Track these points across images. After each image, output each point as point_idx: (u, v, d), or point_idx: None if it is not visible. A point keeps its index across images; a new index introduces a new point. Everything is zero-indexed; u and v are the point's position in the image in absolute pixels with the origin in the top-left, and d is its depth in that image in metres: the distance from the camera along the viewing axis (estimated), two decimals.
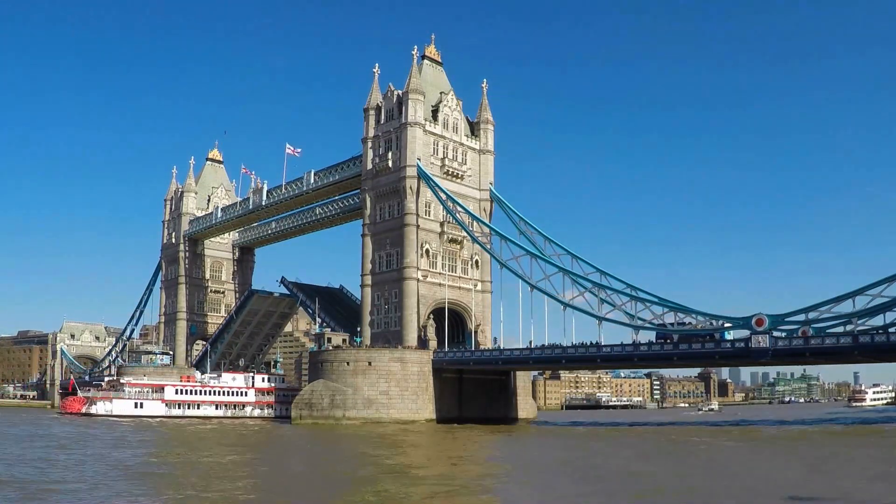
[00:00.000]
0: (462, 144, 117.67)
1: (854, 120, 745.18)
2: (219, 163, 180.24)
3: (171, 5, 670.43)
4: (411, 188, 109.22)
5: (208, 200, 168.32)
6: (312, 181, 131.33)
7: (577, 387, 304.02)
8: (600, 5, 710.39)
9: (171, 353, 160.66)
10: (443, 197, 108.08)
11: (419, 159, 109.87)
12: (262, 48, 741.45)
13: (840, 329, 76.31)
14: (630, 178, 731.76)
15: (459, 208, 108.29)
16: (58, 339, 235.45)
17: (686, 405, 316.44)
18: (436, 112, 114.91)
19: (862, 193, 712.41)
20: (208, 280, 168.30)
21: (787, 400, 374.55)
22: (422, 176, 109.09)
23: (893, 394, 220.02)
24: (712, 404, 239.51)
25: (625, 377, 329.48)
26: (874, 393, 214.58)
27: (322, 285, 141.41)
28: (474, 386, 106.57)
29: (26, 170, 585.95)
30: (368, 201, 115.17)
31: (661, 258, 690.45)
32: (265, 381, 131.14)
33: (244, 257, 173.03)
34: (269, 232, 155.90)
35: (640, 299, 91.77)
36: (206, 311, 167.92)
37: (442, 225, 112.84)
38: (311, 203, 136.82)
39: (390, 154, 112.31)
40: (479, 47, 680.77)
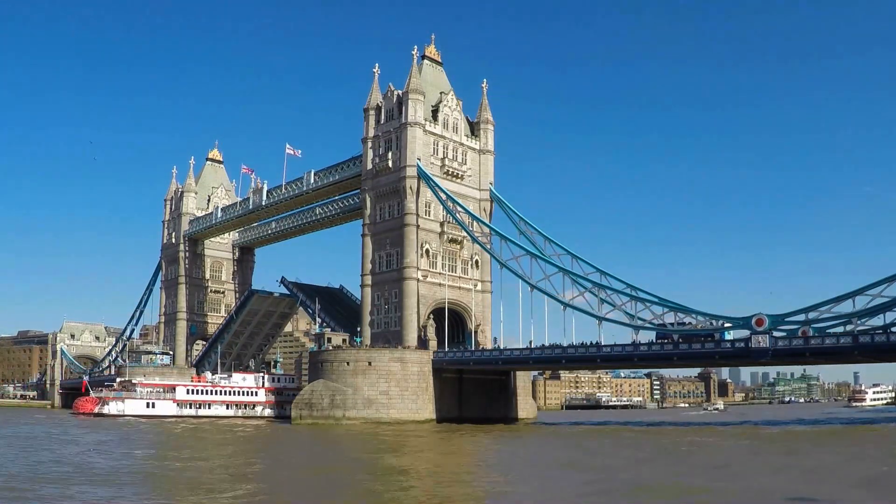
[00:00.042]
0: (462, 144, 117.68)
1: (854, 120, 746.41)
2: (219, 163, 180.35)
3: (171, 5, 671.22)
4: (411, 188, 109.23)
5: (208, 200, 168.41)
6: (312, 181, 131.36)
7: (577, 387, 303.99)
8: (600, 5, 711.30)
9: (171, 353, 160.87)
10: (443, 197, 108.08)
11: (419, 159, 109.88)
12: (262, 48, 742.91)
13: (840, 329, 76.34)
14: (630, 178, 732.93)
15: (459, 208, 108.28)
16: (58, 339, 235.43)
17: (686, 405, 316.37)
18: (436, 112, 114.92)
19: (861, 193, 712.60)
20: (208, 280, 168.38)
21: (787, 400, 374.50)
22: (422, 176, 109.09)
23: (893, 394, 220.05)
24: (717, 404, 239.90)
25: (625, 377, 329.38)
26: (874, 393, 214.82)
27: (322, 285, 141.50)
28: (474, 386, 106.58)
29: (26, 170, 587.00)
30: (368, 201, 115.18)
31: (661, 258, 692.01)
32: (276, 382, 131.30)
33: (244, 257, 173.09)
34: (269, 232, 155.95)
35: (640, 299, 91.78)
36: (206, 311, 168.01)
37: (442, 225, 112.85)
38: (311, 203, 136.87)
39: (390, 154, 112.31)
40: (479, 47, 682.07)
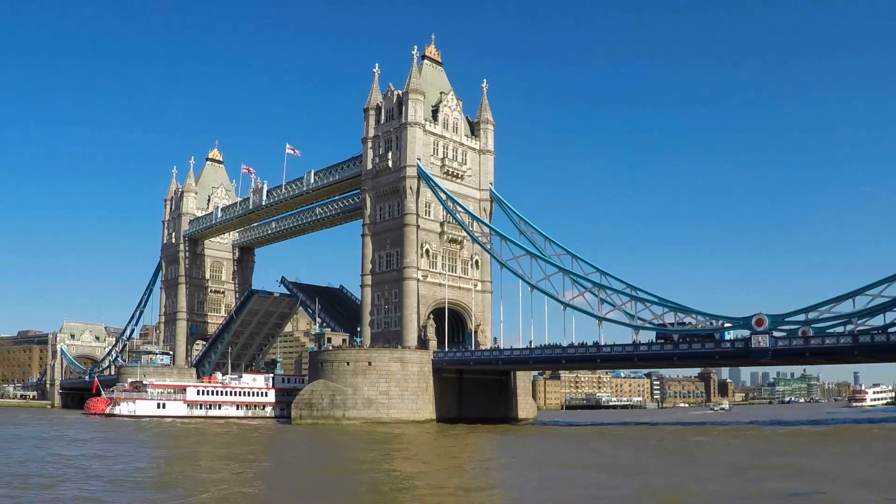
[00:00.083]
0: (462, 144, 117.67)
1: (854, 120, 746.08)
2: (219, 163, 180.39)
3: (172, 5, 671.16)
4: (411, 188, 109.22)
5: (208, 200, 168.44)
6: (312, 181, 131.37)
7: (577, 387, 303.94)
8: (600, 5, 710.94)
9: (171, 353, 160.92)
10: (443, 197, 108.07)
11: (419, 159, 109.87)
12: (262, 48, 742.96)
13: (840, 329, 76.41)
14: (630, 177, 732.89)
15: (459, 208, 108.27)
16: (58, 339, 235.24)
17: (686, 405, 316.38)
18: (436, 112, 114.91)
19: (861, 193, 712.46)
20: (208, 280, 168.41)
21: (787, 400, 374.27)
22: (422, 176, 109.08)
23: (893, 394, 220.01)
24: (723, 404, 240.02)
25: (625, 377, 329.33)
26: (874, 393, 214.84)
27: (322, 285, 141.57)
28: (474, 386, 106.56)
29: (26, 170, 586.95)
30: (368, 201, 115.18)
31: (661, 258, 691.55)
32: (286, 382, 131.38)
33: (244, 257, 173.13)
34: (269, 232, 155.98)
35: (640, 299, 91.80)
36: (206, 311, 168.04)
37: (442, 225, 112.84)
38: (311, 203, 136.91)
39: (390, 154, 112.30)
40: (479, 47, 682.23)
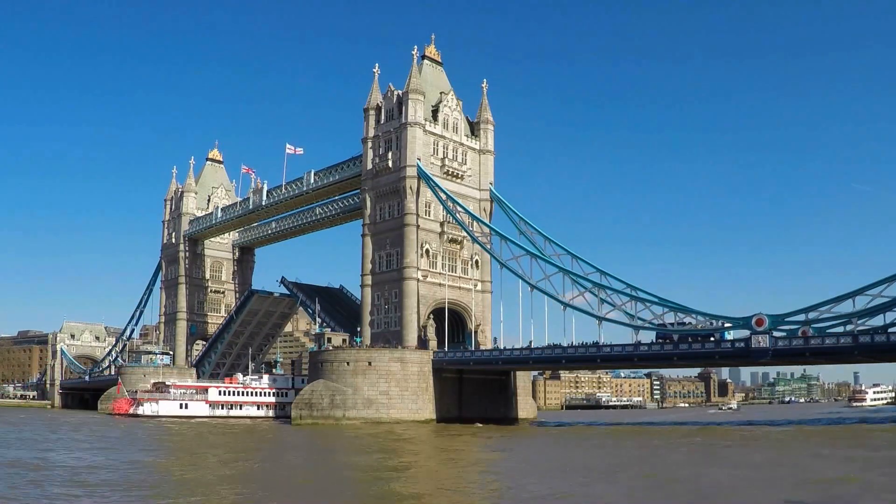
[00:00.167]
0: (462, 144, 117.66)
1: (854, 119, 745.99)
2: (219, 163, 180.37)
3: (172, 5, 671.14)
4: (411, 188, 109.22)
5: (208, 200, 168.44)
6: (312, 181, 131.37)
7: (577, 387, 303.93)
8: (600, 4, 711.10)
9: (171, 353, 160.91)
10: (443, 197, 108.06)
11: (419, 159, 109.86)
12: (263, 48, 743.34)
13: (840, 329, 76.27)
14: (630, 177, 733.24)
15: (459, 208, 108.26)
16: (58, 339, 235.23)
17: (686, 405, 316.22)
18: (436, 112, 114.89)
19: (860, 193, 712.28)
20: (208, 280, 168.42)
21: (787, 400, 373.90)
22: (422, 176, 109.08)
23: (893, 394, 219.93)
24: (731, 403, 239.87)
25: (625, 377, 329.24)
26: (874, 393, 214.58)
27: (322, 285, 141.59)
28: (474, 386, 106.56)
29: (26, 170, 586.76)
30: (368, 201, 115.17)
31: (661, 258, 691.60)
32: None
33: (244, 257, 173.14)
34: (269, 232, 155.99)
35: (640, 299, 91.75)
36: (206, 311, 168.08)
37: (442, 225, 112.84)
38: (311, 203, 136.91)
39: (390, 154, 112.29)
40: (478, 47, 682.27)
